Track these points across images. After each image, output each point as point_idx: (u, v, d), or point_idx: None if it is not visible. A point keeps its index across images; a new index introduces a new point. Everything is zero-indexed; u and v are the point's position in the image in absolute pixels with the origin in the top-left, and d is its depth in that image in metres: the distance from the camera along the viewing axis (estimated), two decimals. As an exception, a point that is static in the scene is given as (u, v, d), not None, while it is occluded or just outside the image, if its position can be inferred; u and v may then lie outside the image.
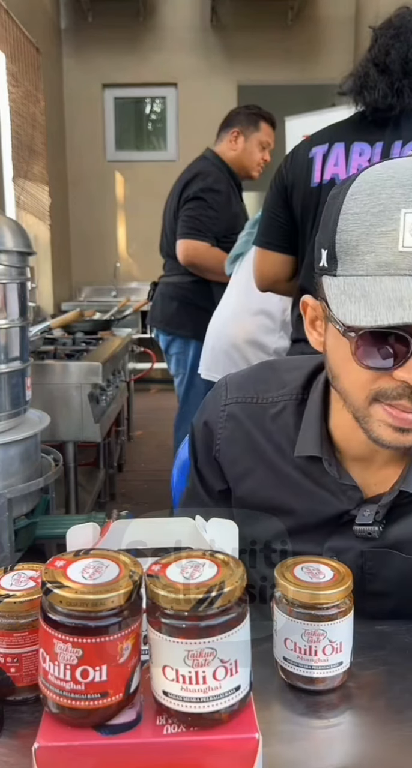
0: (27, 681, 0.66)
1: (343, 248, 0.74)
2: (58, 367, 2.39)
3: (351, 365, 0.74)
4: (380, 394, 0.74)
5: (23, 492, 1.75)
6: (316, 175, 1.71)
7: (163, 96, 6.41)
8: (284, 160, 1.82)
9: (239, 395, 0.98)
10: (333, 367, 0.80)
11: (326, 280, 0.77)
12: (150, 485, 3.76)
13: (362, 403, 0.76)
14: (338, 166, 1.68)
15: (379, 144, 1.65)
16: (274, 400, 0.95)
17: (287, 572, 0.71)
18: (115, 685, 0.55)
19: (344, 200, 0.75)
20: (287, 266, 1.88)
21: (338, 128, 1.75)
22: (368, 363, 0.72)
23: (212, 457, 0.99)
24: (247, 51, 6.04)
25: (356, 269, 0.73)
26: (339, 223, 0.74)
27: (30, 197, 4.92)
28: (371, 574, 0.89)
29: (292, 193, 1.77)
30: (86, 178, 6.38)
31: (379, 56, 1.64)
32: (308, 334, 0.86)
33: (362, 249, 0.72)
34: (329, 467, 0.88)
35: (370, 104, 1.65)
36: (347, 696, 0.70)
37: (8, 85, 4.39)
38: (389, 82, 1.61)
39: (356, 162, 1.66)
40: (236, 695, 0.56)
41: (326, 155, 1.70)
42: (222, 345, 2.42)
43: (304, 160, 1.74)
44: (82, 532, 0.65)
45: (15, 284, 1.75)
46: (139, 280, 6.42)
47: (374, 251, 0.71)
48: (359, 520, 0.87)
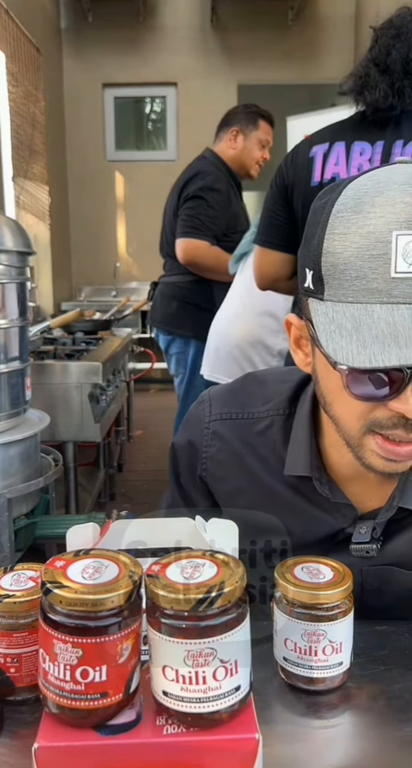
0: (27, 681, 0.66)
1: (330, 272, 0.69)
2: (58, 367, 2.39)
3: (344, 395, 0.71)
4: (374, 424, 0.71)
5: (23, 492, 1.75)
6: (316, 175, 1.71)
7: (163, 96, 6.42)
8: (285, 159, 1.83)
9: (223, 411, 0.93)
10: (325, 394, 0.77)
11: (313, 303, 0.72)
12: (150, 485, 3.76)
13: (357, 433, 0.74)
14: (339, 165, 1.69)
15: (380, 143, 1.65)
16: (260, 415, 0.91)
17: (287, 572, 0.71)
18: (115, 686, 0.55)
19: (330, 217, 0.70)
20: (286, 265, 1.88)
21: (338, 127, 1.75)
22: (362, 395, 0.69)
23: (197, 476, 0.95)
24: (247, 51, 6.04)
25: (345, 295, 0.68)
26: (325, 243, 0.70)
27: (30, 197, 4.92)
28: (373, 590, 0.87)
29: (292, 192, 1.77)
30: (86, 177, 6.38)
31: (380, 56, 1.64)
32: (293, 353, 0.83)
33: (350, 273, 0.67)
34: (320, 487, 0.85)
35: (371, 104, 1.65)
36: (347, 696, 0.70)
37: (8, 85, 4.39)
38: (390, 82, 1.62)
39: (357, 161, 1.67)
40: (236, 695, 0.56)
41: (326, 154, 1.70)
42: (226, 346, 2.42)
43: (304, 159, 1.74)
44: (82, 532, 0.65)
45: (15, 284, 1.74)
46: (139, 280, 6.42)
47: (364, 276, 0.66)
48: (356, 539, 0.85)
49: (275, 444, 0.89)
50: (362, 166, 1.66)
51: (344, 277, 0.68)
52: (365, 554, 0.84)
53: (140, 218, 6.29)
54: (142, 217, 6.23)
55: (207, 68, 6.15)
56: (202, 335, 2.84)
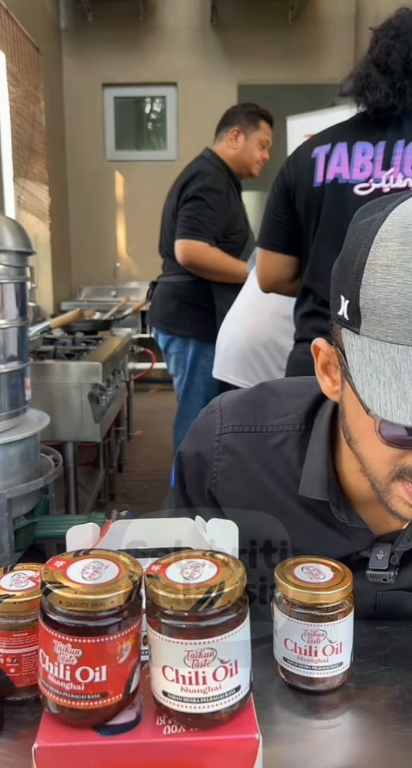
0: (27, 681, 0.66)
1: (369, 305, 0.64)
2: (58, 367, 2.39)
3: (374, 437, 0.66)
4: (404, 471, 0.68)
5: (23, 492, 1.75)
6: (319, 176, 1.71)
7: (163, 96, 6.42)
8: (286, 161, 1.83)
9: (235, 423, 0.89)
10: (352, 431, 0.72)
11: (347, 335, 0.67)
12: (150, 485, 3.76)
13: (384, 479, 0.70)
14: (341, 166, 1.69)
15: (382, 143, 1.65)
16: (274, 429, 0.87)
17: (287, 573, 0.71)
18: (115, 686, 0.55)
19: (372, 245, 0.64)
20: (289, 267, 1.88)
21: (340, 128, 1.75)
22: (394, 440, 0.65)
23: (206, 489, 0.91)
24: (247, 51, 6.04)
25: (384, 333, 0.63)
26: (365, 274, 0.64)
27: (30, 197, 4.92)
28: (385, 613, 0.85)
29: (294, 194, 1.77)
30: (86, 177, 6.38)
31: (380, 57, 1.64)
32: (320, 378, 0.78)
33: (392, 311, 0.62)
34: (337, 512, 0.81)
35: (372, 105, 1.65)
36: (347, 696, 0.70)
37: (8, 85, 4.39)
38: (390, 82, 1.62)
39: (359, 161, 1.67)
40: (236, 695, 0.56)
41: (328, 155, 1.70)
42: (237, 344, 2.39)
43: (306, 160, 1.74)
44: (82, 532, 0.65)
45: (15, 284, 1.75)
46: (139, 280, 6.42)
47: (408, 316, 0.61)
48: (373, 565, 0.82)
49: (289, 461, 0.86)
50: (365, 166, 1.66)
51: (384, 314, 0.63)
52: (383, 581, 0.82)
53: (140, 218, 6.29)
54: (142, 217, 6.23)
55: (207, 68, 6.15)
56: (201, 335, 2.84)
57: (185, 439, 0.96)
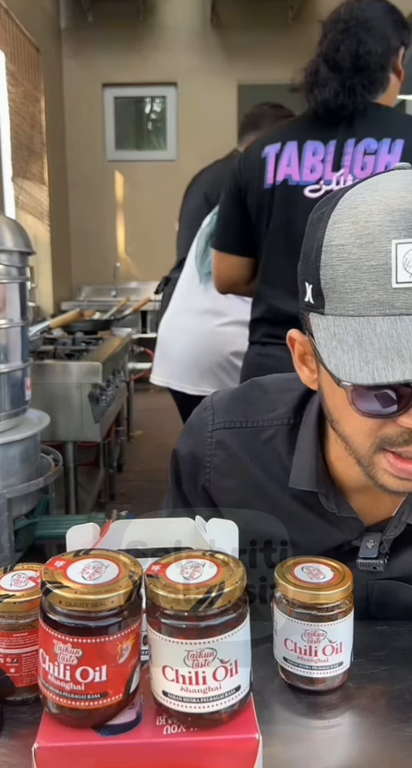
0: (27, 681, 0.66)
1: (329, 285, 0.67)
2: (58, 367, 2.39)
3: (351, 412, 0.68)
4: (385, 441, 0.69)
5: (23, 492, 1.75)
6: (269, 177, 1.64)
7: (164, 95, 6.42)
8: (238, 160, 1.75)
9: (226, 420, 0.91)
10: (332, 411, 0.74)
11: (314, 318, 0.70)
12: (150, 485, 3.76)
13: (367, 452, 0.71)
14: (291, 167, 1.62)
15: (332, 142, 1.58)
16: (264, 423, 0.89)
17: (287, 572, 0.71)
18: (115, 686, 0.55)
19: (326, 229, 0.68)
20: (244, 269, 1.82)
21: (291, 126, 1.69)
22: (369, 411, 0.67)
23: (201, 486, 0.93)
24: (247, 51, 6.04)
25: (346, 308, 0.66)
26: (323, 256, 0.67)
27: (29, 197, 4.92)
28: (379, 604, 0.86)
29: (246, 194, 1.71)
30: (86, 177, 6.38)
31: (329, 52, 1.56)
32: (298, 369, 0.80)
33: (350, 286, 0.65)
34: (326, 502, 0.83)
35: (322, 103, 1.57)
36: (347, 696, 0.70)
37: (8, 85, 4.39)
38: (340, 80, 1.54)
39: (310, 162, 1.60)
40: (236, 695, 0.56)
41: (278, 155, 1.63)
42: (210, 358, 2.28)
43: (256, 159, 1.67)
44: (82, 532, 0.65)
45: (15, 284, 1.75)
46: (139, 279, 6.42)
47: (364, 288, 0.64)
48: (363, 554, 0.83)
49: (280, 455, 0.87)
50: (315, 167, 1.59)
51: (343, 290, 0.66)
52: (373, 569, 0.83)
53: (140, 218, 6.30)
54: (142, 217, 6.23)
55: (207, 68, 6.14)
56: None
57: (180, 438, 0.98)
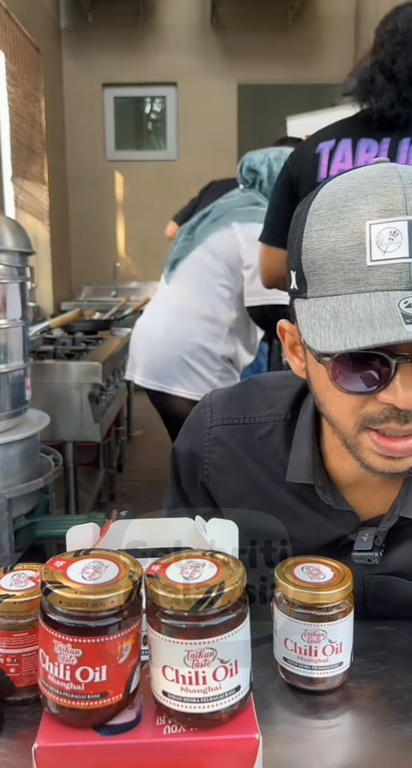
0: (27, 681, 0.66)
1: (310, 268, 0.70)
2: (58, 367, 2.39)
3: (334, 391, 0.70)
4: (367, 419, 0.71)
5: (23, 492, 1.75)
6: (322, 171, 1.70)
7: (163, 95, 6.41)
8: (291, 156, 1.83)
9: (224, 416, 0.93)
10: (318, 394, 0.76)
11: (298, 303, 0.73)
12: (150, 485, 3.76)
13: (351, 431, 0.73)
14: (345, 162, 1.67)
15: (386, 140, 1.64)
16: (261, 420, 0.91)
17: (287, 572, 0.71)
18: (115, 686, 0.55)
19: (307, 217, 0.72)
20: None
21: (345, 124, 1.74)
22: (349, 388, 0.69)
23: (199, 482, 0.95)
24: (247, 51, 6.04)
25: (325, 289, 0.69)
26: (304, 242, 0.71)
27: (29, 197, 4.92)
28: (375, 599, 0.86)
29: (298, 187, 1.76)
30: (86, 177, 6.38)
31: (385, 62, 1.62)
32: (289, 360, 0.82)
33: (329, 267, 0.68)
34: (323, 495, 0.84)
35: (377, 111, 1.64)
36: (347, 696, 0.70)
37: (8, 85, 4.39)
38: (396, 90, 1.60)
39: (363, 158, 1.65)
40: (236, 695, 0.56)
41: (332, 151, 1.69)
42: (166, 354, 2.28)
43: (310, 155, 1.73)
44: (82, 532, 0.65)
45: (15, 284, 1.75)
46: (139, 279, 6.42)
47: (342, 268, 0.67)
48: (358, 546, 0.84)
49: (276, 450, 0.89)
50: (368, 163, 1.65)
51: (323, 272, 0.69)
52: (367, 562, 0.84)
53: (140, 218, 6.29)
54: (142, 217, 6.23)
55: (207, 68, 6.14)
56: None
57: (179, 435, 0.99)
